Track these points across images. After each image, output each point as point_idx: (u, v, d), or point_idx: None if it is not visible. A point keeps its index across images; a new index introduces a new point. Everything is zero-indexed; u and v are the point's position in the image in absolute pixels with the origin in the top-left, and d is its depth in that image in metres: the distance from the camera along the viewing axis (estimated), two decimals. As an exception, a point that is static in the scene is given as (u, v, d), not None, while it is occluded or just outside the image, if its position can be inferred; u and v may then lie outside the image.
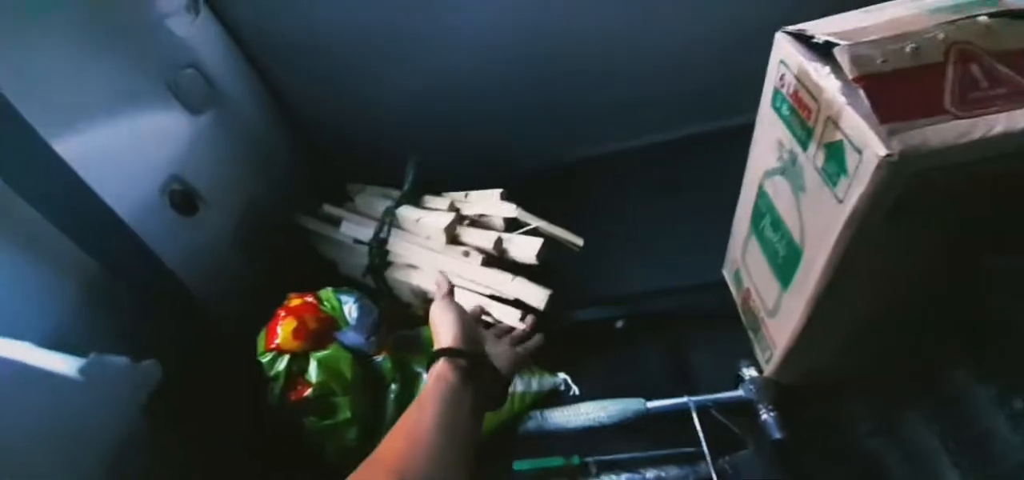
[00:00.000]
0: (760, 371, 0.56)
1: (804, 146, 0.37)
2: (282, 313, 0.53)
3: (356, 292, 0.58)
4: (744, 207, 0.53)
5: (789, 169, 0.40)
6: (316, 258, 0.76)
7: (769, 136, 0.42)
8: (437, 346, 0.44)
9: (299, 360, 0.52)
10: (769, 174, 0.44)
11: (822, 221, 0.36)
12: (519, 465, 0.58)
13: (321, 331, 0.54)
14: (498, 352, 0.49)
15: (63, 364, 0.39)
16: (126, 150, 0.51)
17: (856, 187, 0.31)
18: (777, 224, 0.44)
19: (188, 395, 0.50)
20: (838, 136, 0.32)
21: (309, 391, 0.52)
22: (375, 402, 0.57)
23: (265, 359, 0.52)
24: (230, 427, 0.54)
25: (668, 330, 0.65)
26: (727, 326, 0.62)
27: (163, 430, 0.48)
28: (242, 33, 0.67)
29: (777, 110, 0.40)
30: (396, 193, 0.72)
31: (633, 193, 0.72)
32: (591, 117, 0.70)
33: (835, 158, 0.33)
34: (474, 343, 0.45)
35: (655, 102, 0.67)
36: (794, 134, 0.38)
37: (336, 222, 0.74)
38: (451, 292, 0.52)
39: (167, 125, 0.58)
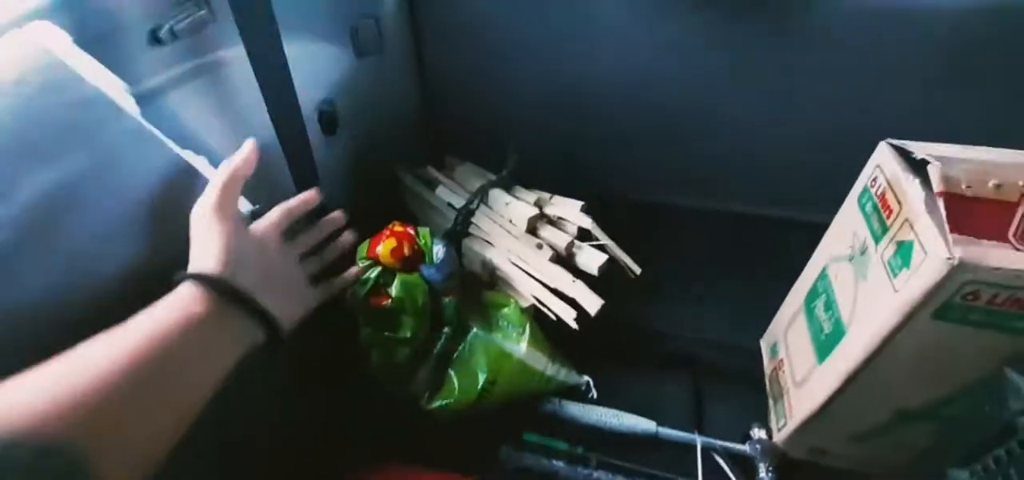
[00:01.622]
0: (770, 436, 0.61)
1: (877, 240, 0.44)
2: (388, 232, 0.61)
3: (444, 241, 0.66)
4: (802, 285, 0.59)
5: (857, 258, 0.47)
6: (401, 210, 0.85)
7: (847, 226, 0.50)
8: (190, 266, 0.34)
9: (387, 275, 0.60)
10: (836, 259, 0.51)
11: (875, 307, 0.43)
12: (529, 436, 0.64)
13: (411, 259, 0.62)
14: (283, 285, 0.38)
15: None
16: (306, 64, 0.60)
17: (916, 281, 0.38)
18: (830, 304, 0.51)
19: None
20: (911, 236, 0.39)
21: (388, 302, 0.59)
22: (430, 335, 0.64)
23: (363, 263, 0.59)
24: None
25: (694, 374, 0.71)
26: (747, 390, 0.68)
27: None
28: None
29: (862, 206, 0.47)
30: (491, 175, 0.81)
31: (696, 249, 0.79)
32: (681, 167, 0.78)
33: (903, 254, 0.40)
34: (243, 271, 0.34)
35: (743, 176, 0.75)
36: (871, 228, 0.45)
37: (432, 185, 0.83)
38: (228, 199, 0.38)
39: (339, 57, 0.69)
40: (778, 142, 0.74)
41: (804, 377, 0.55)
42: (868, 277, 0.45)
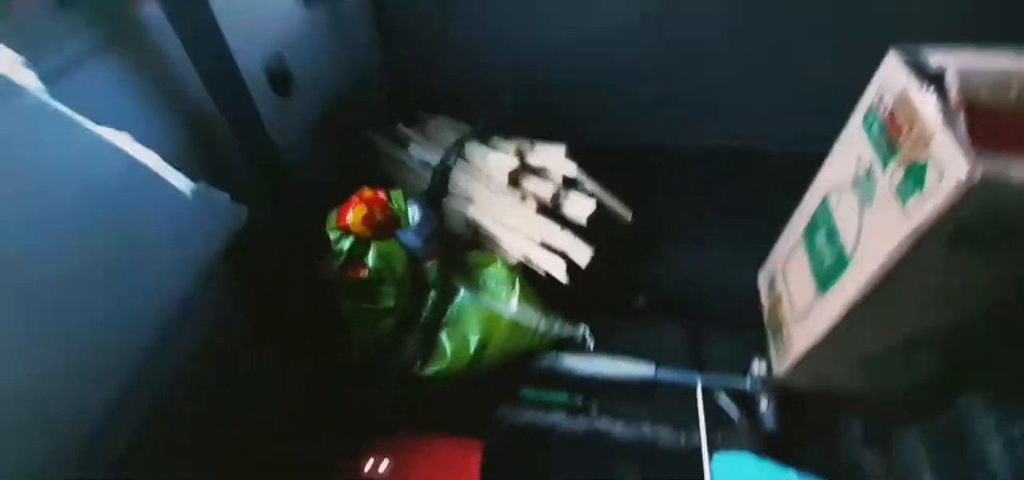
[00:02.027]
0: (770, 370, 0.60)
1: (885, 163, 0.40)
2: (356, 199, 0.57)
3: (421, 202, 0.62)
4: (801, 217, 0.56)
5: (861, 183, 0.44)
6: (376, 174, 0.80)
7: (850, 151, 0.46)
8: None
9: (361, 245, 0.56)
10: (838, 187, 0.48)
11: (882, 234, 0.40)
12: (527, 392, 0.63)
13: (385, 225, 0.58)
14: None
15: (179, 180, 0.42)
16: (243, 17, 0.54)
17: (929, 203, 0.35)
18: (832, 235, 0.48)
19: (257, 249, 0.54)
20: (924, 156, 0.36)
21: (365, 273, 0.56)
22: (415, 302, 0.61)
23: (333, 235, 0.55)
24: (290, 287, 0.58)
25: (691, 317, 0.70)
26: (745, 327, 0.67)
27: (233, 274, 0.52)
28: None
29: (867, 127, 0.44)
30: (466, 127, 0.76)
31: (687, 189, 0.75)
32: (668, 105, 0.73)
33: (914, 177, 0.36)
34: None
35: (733, 110, 0.70)
36: (877, 151, 0.41)
37: (404, 144, 0.77)
38: None
39: (284, 7, 0.61)
40: (769, 70, 0.69)
41: (805, 309, 0.53)
42: (874, 204, 0.42)
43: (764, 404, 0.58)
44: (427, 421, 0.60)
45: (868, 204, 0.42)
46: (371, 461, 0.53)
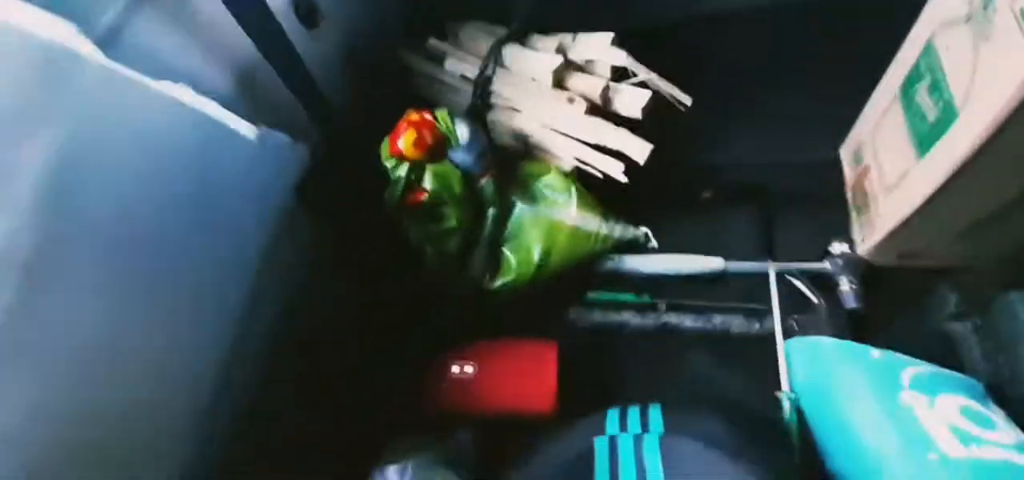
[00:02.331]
0: (852, 249, 0.57)
1: (1009, -15, 0.33)
2: (404, 124, 0.56)
3: (467, 118, 0.60)
4: (897, 70, 0.50)
5: (978, 15, 0.37)
6: (416, 97, 0.78)
7: (961, -23, 0.39)
8: None
9: (416, 169, 0.57)
10: (947, 24, 0.41)
11: (1002, 72, 0.34)
12: (592, 295, 0.64)
13: (436, 147, 0.57)
14: None
15: (242, 126, 0.44)
16: None
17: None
18: (937, 85, 0.42)
19: (325, 185, 0.56)
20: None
21: (424, 197, 0.57)
22: (475, 220, 0.62)
23: (389, 163, 0.56)
24: (360, 219, 0.61)
25: (759, 203, 0.66)
26: (820, 208, 0.63)
27: (309, 212, 0.54)
28: None
29: (985, -56, 0.36)
30: (501, 30, 0.71)
31: (751, 62, 0.68)
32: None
33: (1051, -5, 0.30)
34: None
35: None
36: (999, -29, 0.34)
37: (439, 59, 0.74)
38: None
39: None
40: None
41: (899, 178, 0.49)
42: (992, 37, 0.35)
43: (845, 284, 0.55)
44: (500, 332, 0.63)
45: (985, 39, 0.36)
46: (456, 365, 0.57)
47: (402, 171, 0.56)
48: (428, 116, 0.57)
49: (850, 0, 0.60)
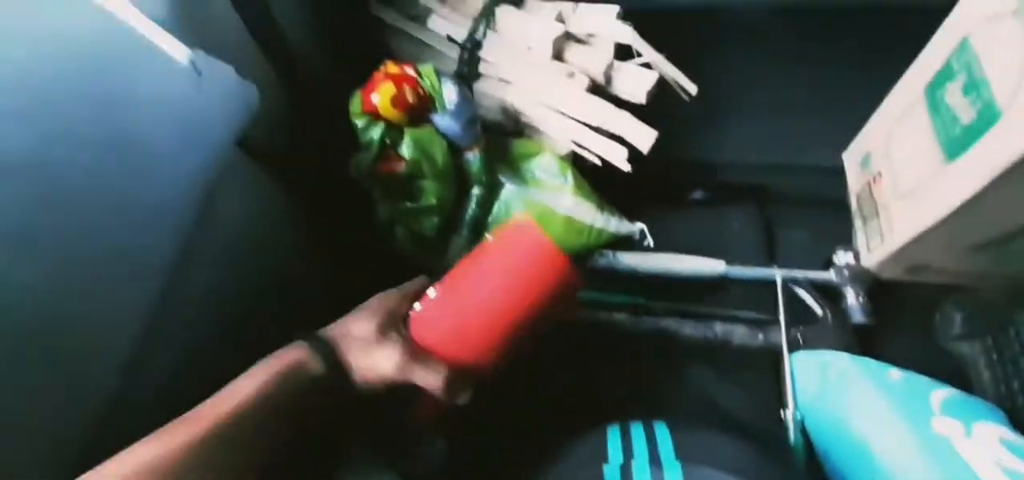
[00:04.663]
0: (857, 259, 0.54)
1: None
2: (380, 76, 0.48)
3: (457, 78, 0.52)
4: (920, 73, 0.47)
5: (1036, 5, 0.34)
6: (393, 57, 0.69)
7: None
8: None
9: (393, 132, 0.48)
10: (989, 19, 0.38)
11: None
12: (584, 294, 0.58)
13: (418, 108, 0.49)
14: (372, 361, 0.33)
15: (175, 47, 0.34)
16: None
17: None
18: (974, 84, 0.39)
19: (280, 139, 0.47)
20: None
21: (401, 166, 0.49)
22: (458, 198, 0.54)
23: (360, 122, 0.47)
24: (317, 181, 0.51)
25: (760, 204, 0.62)
26: (823, 213, 0.60)
27: (256, 166, 0.45)
28: None
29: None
30: (495, -11, 0.64)
31: (759, 56, 0.64)
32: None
33: None
34: (345, 339, 0.34)
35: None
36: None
37: (421, 18, 0.66)
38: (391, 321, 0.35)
39: None
40: None
41: (916, 184, 0.46)
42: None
43: (851, 297, 0.52)
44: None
45: (1047, 33, 0.33)
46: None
47: (375, 133, 0.47)
48: (410, 70, 0.49)
49: (858, 4, 0.57)
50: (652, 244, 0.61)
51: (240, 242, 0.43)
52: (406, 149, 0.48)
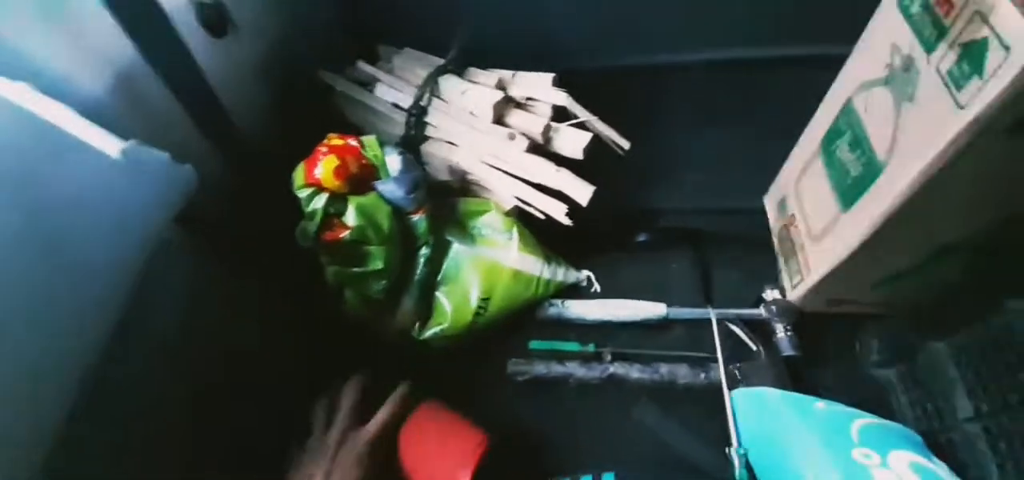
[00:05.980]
0: (784, 295, 0.58)
1: (930, 49, 0.36)
2: (323, 149, 0.49)
3: (400, 146, 0.55)
4: (817, 127, 0.52)
5: (897, 77, 0.39)
6: (339, 123, 0.71)
7: (881, 42, 0.41)
8: None
9: (337, 202, 0.50)
10: (866, 86, 0.43)
11: (928, 131, 0.36)
12: (535, 344, 0.59)
13: (361, 177, 0.51)
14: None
15: (104, 140, 0.35)
16: None
17: (990, 89, 0.31)
18: (858, 142, 0.44)
19: (219, 214, 0.47)
20: (983, 33, 0.31)
21: (346, 234, 0.50)
22: (405, 260, 0.56)
23: (303, 193, 0.48)
24: (260, 255, 0.51)
25: (696, 247, 0.66)
26: (755, 253, 0.64)
27: (194, 244, 0.45)
28: None
29: (904, 8, 0.38)
30: (437, 60, 0.67)
31: (685, 110, 0.70)
32: (657, 17, 0.66)
33: (970, 58, 0.32)
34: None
35: (727, 13, 0.64)
36: (919, 36, 0.37)
37: (369, 85, 0.68)
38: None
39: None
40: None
41: (823, 229, 0.50)
42: (916, 98, 0.37)
43: (780, 331, 0.56)
44: (429, 384, 0.56)
45: (909, 101, 0.38)
46: None
47: (319, 203, 0.48)
48: (352, 142, 0.51)
49: (774, 59, 0.64)
50: (599, 290, 0.63)
51: (181, 318, 0.43)
52: (351, 217, 0.50)
